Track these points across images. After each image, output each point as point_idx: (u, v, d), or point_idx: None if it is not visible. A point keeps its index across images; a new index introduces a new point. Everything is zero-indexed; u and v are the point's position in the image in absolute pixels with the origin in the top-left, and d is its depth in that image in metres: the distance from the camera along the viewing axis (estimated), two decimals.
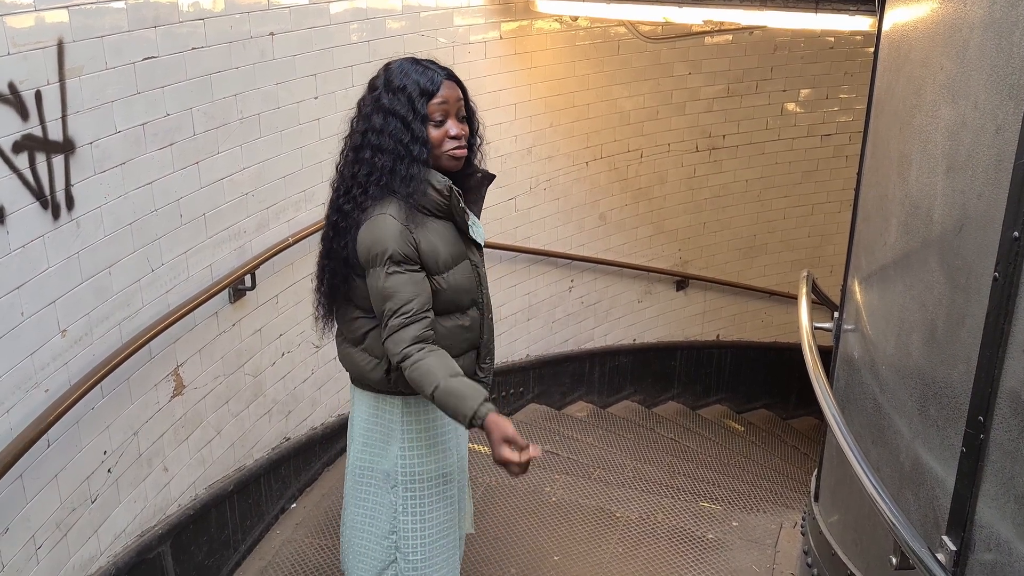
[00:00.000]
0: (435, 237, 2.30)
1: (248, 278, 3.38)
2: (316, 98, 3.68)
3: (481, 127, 2.46)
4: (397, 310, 2.23)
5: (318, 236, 3.71)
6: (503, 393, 5.35)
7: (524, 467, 2.11)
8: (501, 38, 4.67)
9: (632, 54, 5.38)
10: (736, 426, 6.60)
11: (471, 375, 2.44)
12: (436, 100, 2.24)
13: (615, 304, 6.00)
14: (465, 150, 2.34)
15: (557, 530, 3.80)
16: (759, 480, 5.13)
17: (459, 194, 2.33)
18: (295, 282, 3.72)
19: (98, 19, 2.57)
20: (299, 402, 3.92)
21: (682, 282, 6.31)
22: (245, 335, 3.49)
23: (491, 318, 2.53)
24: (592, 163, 5.49)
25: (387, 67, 2.33)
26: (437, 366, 2.21)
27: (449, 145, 2.29)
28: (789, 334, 6.99)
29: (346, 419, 4.22)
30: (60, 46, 2.43)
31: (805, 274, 3.12)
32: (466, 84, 4.51)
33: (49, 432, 2.46)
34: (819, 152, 6.46)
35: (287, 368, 3.79)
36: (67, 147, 2.50)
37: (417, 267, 2.27)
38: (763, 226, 6.54)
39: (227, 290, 3.29)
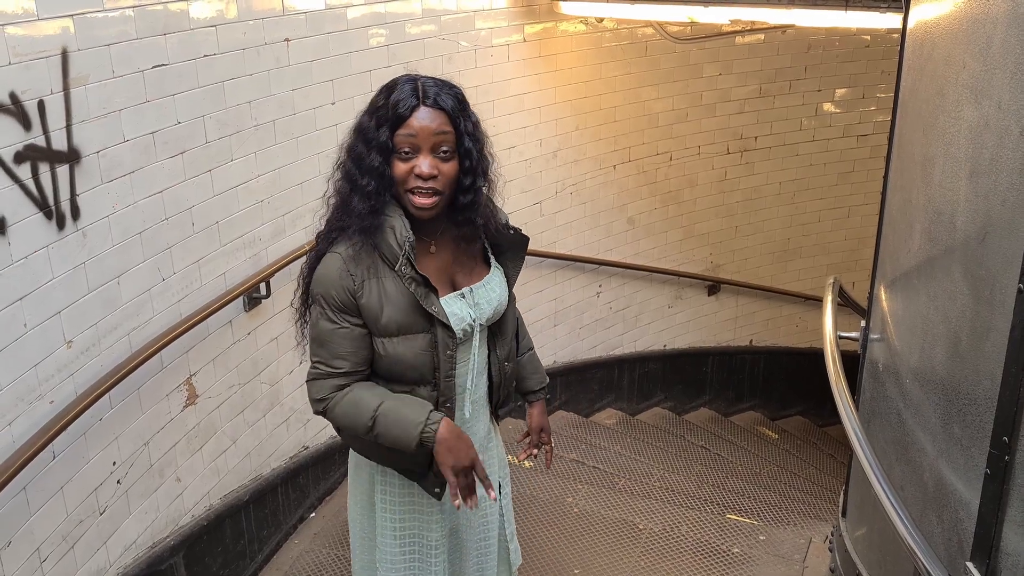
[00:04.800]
0: (386, 296, 1.94)
1: (263, 286, 3.35)
2: (334, 103, 3.65)
3: (494, 166, 2.03)
4: (323, 360, 1.97)
5: None
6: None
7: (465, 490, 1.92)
8: (525, 41, 4.61)
9: (660, 55, 5.28)
10: (770, 433, 6.46)
11: (424, 471, 2.06)
12: (404, 130, 1.86)
13: (644, 309, 5.89)
14: (432, 197, 1.90)
15: (578, 542, 3.71)
16: (791, 491, 4.99)
17: (410, 259, 1.92)
18: None
19: (104, 28, 2.55)
20: None
21: (714, 287, 6.20)
22: (261, 343, 3.46)
23: (453, 412, 2.07)
24: (620, 166, 5.40)
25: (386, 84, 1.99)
26: (367, 394, 1.94)
27: (411, 184, 1.89)
28: None
29: None
30: (64, 55, 2.41)
31: (831, 281, 3.01)
32: (488, 87, 4.54)
33: (54, 443, 2.44)
34: (855, 153, 6.30)
35: (305, 376, 3.75)
36: (72, 157, 2.48)
37: (359, 322, 1.95)
38: (797, 229, 6.40)
39: (241, 298, 3.27)
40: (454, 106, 1.91)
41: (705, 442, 5.73)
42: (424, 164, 1.88)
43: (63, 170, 2.46)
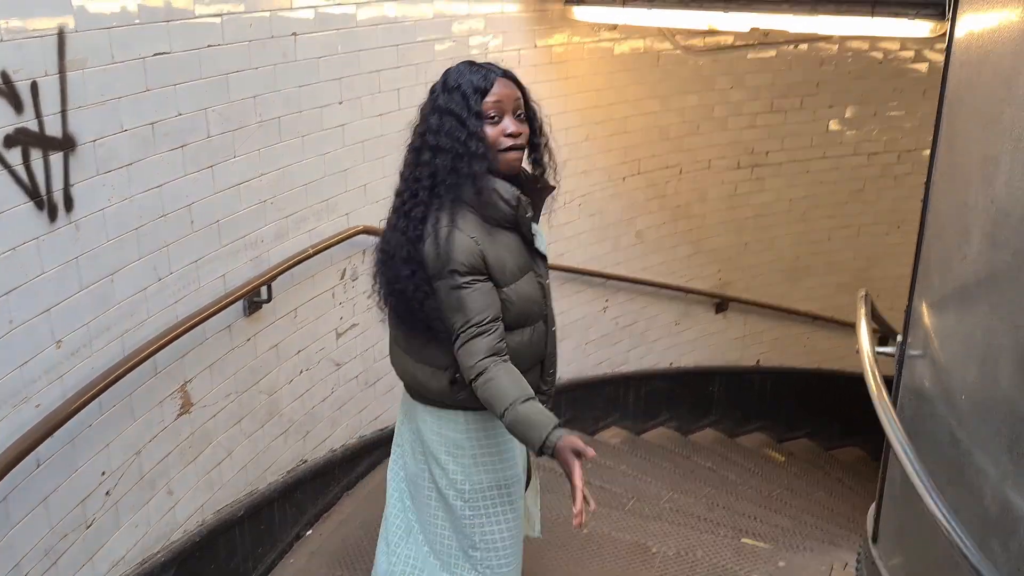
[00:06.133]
0: (502, 249, 2.24)
1: (264, 290, 3.19)
2: (341, 103, 3.51)
3: (547, 127, 2.35)
4: (468, 321, 2.16)
5: (340, 248, 3.57)
6: None
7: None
8: (536, 47, 4.48)
9: (672, 66, 5.16)
10: (776, 456, 6.31)
11: (535, 389, 2.33)
12: (490, 97, 2.17)
13: (651, 326, 5.75)
14: (521, 151, 2.24)
15: (588, 565, 3.54)
16: (803, 515, 4.83)
17: (527, 204, 2.26)
18: (315, 296, 3.53)
19: (104, 9, 2.41)
20: (318, 422, 3.72)
21: (721, 304, 6.06)
22: (260, 351, 3.30)
23: (555, 331, 2.47)
24: (629, 179, 5.27)
25: (445, 71, 2.28)
26: (509, 386, 2.15)
27: (505, 143, 2.19)
28: (833, 360, 6.71)
29: (369, 441, 4.04)
30: (61, 35, 2.26)
31: (863, 294, 2.87)
32: None
33: (39, 450, 2.27)
34: (866, 171, 6.19)
35: (305, 386, 3.60)
36: (67, 144, 2.33)
37: (484, 277, 2.20)
38: (807, 247, 6.27)
39: (241, 302, 3.11)
40: (516, 78, 2.27)
41: (712, 463, 5.58)
42: (511, 124, 2.18)
43: (57, 158, 2.30)
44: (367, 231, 3.64)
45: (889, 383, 2.64)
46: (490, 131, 2.17)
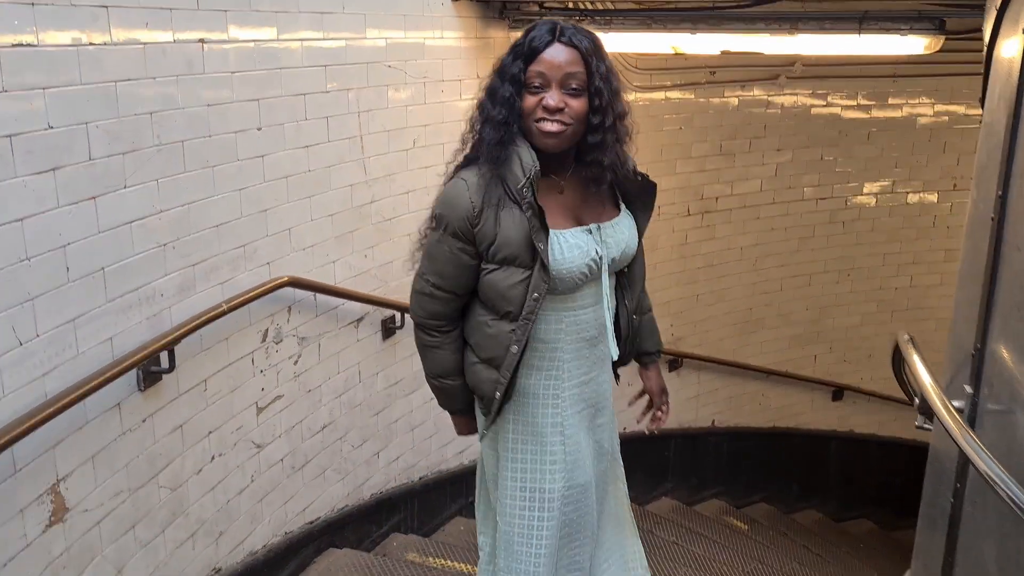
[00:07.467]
0: (500, 225, 2.00)
1: (164, 356, 2.53)
2: (260, 129, 2.91)
3: (630, 116, 2.06)
4: (427, 277, 2.12)
5: (260, 303, 2.93)
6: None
7: None
8: (479, 77, 3.99)
9: None
10: (738, 524, 5.85)
11: (490, 395, 2.16)
12: (535, 65, 1.97)
13: None
14: (559, 126, 1.96)
15: None
16: None
17: (532, 185, 1.97)
18: (231, 362, 2.87)
19: None
20: (234, 520, 3.01)
21: (675, 361, 5.61)
22: (160, 434, 2.61)
23: (515, 352, 2.11)
24: None
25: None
26: (447, 358, 2.20)
27: (538, 115, 1.97)
28: (788, 417, 6.38)
29: (296, 537, 3.33)
30: None
31: (906, 338, 2.39)
32: (438, 127, 3.88)
33: None
34: (815, 217, 5.94)
35: (218, 476, 2.90)
36: None
37: (471, 250, 2.04)
38: (760, 298, 5.94)
39: (135, 371, 2.44)
40: (588, 47, 1.98)
41: (676, 537, 5.04)
42: (551, 97, 1.96)
43: None
44: (294, 283, 3.02)
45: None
46: (528, 100, 1.97)
